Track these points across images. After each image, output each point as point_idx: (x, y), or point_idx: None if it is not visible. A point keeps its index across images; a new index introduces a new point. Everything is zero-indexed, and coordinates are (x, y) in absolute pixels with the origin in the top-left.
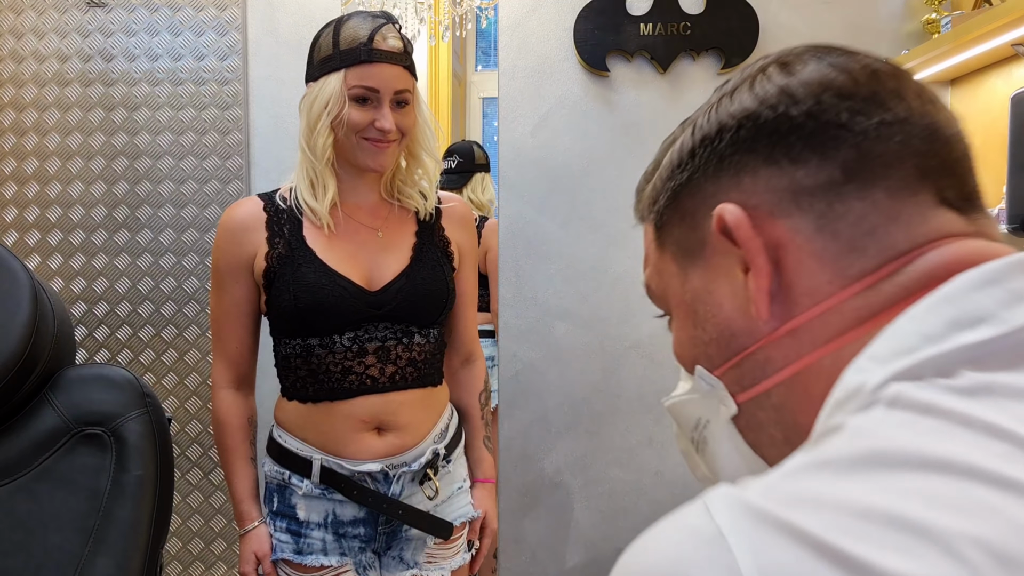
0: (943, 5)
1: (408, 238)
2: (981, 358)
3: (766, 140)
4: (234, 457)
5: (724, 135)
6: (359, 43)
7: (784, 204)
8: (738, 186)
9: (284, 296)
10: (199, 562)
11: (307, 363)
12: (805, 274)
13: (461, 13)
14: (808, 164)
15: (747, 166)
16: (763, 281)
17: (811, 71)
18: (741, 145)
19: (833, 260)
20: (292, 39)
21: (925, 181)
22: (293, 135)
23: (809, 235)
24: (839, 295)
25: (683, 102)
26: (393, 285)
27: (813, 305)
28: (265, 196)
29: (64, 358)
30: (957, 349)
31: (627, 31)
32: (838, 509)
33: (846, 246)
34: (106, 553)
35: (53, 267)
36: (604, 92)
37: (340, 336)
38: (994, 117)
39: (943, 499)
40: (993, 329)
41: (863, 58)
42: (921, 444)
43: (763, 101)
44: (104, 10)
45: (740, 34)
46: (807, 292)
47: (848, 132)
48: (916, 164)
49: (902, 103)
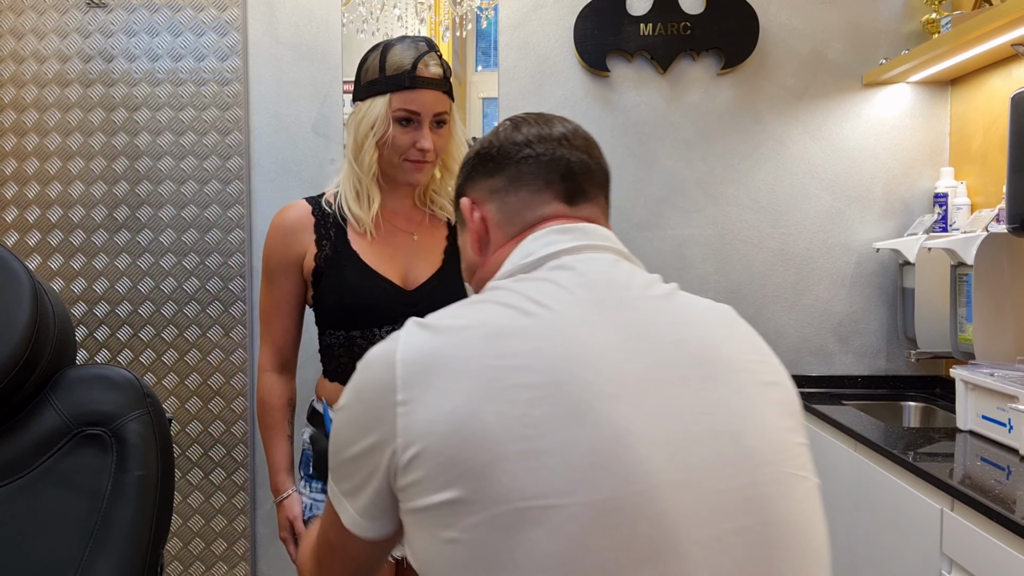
0: (943, 5)
1: (440, 242)
2: (526, 269)
3: (481, 165)
4: (273, 434)
5: (469, 162)
6: (404, 70)
7: (486, 197)
8: (472, 188)
9: (330, 295)
10: (200, 562)
11: (349, 351)
12: (493, 233)
13: (461, 13)
14: (495, 176)
15: (475, 177)
16: (475, 236)
17: (508, 131)
18: (473, 167)
19: (503, 227)
20: (292, 39)
21: (549, 186)
22: (293, 135)
23: (494, 213)
24: (504, 247)
25: (683, 102)
26: (427, 286)
27: (496, 251)
28: (312, 200)
29: (65, 358)
30: (517, 266)
31: (627, 31)
32: (442, 315)
33: (508, 219)
34: (107, 553)
35: (54, 267)
36: (604, 92)
37: (380, 329)
38: (994, 117)
39: (476, 309)
40: (532, 257)
41: (542, 124)
42: (482, 297)
43: (483, 145)
44: (104, 11)
45: (740, 34)
46: (494, 243)
47: (512, 161)
48: (544, 178)
49: (542, 145)
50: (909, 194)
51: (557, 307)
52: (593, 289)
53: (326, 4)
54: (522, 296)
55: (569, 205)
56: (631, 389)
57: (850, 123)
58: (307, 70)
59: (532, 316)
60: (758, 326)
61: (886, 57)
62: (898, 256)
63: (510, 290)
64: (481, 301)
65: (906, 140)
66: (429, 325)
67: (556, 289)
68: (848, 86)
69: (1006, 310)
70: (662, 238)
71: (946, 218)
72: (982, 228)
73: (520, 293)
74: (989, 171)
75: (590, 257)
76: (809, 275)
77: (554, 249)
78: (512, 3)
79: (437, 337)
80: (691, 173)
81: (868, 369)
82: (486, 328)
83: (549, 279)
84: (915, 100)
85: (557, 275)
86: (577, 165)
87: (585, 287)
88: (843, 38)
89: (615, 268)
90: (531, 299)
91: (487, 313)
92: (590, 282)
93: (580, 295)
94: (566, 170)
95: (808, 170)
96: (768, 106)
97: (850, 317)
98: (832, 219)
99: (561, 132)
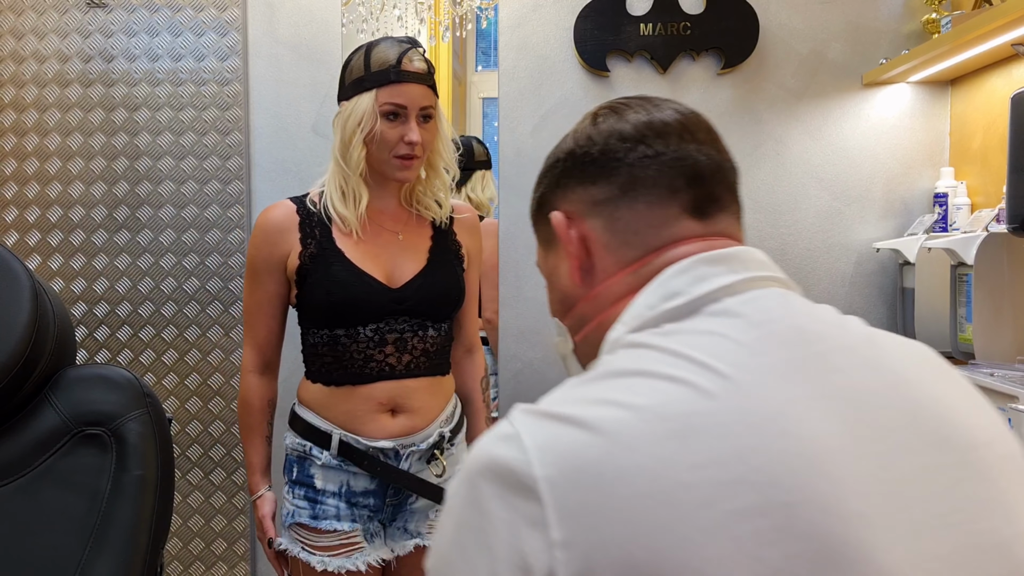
0: (943, 5)
1: (425, 241)
2: (675, 315)
3: (578, 169)
4: (253, 435)
5: (557, 165)
6: (388, 65)
7: (587, 210)
8: (564, 198)
9: (317, 291)
10: (199, 562)
11: (333, 351)
12: (600, 258)
13: (461, 13)
14: (599, 184)
15: (568, 185)
16: (574, 261)
17: (611, 122)
18: (565, 172)
19: (615, 250)
20: (292, 40)
21: (674, 197)
22: (293, 135)
23: (600, 232)
24: (618, 275)
25: (683, 102)
26: (413, 283)
27: (606, 279)
28: (296, 200)
29: (64, 358)
30: (661, 312)
31: (627, 31)
32: (574, 399)
33: (622, 241)
34: (106, 553)
35: (54, 267)
36: (604, 92)
37: (364, 328)
38: (994, 117)
39: (632, 387)
40: (682, 299)
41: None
42: (629, 364)
43: (577, 143)
44: (104, 11)
45: (740, 34)
46: (602, 270)
47: (623, 164)
48: (667, 185)
49: (661, 141)
50: (909, 194)
51: (745, 378)
52: (783, 345)
53: (326, 4)
54: (688, 361)
55: (700, 219)
56: (876, 501)
57: (850, 123)
58: (307, 70)
59: (724, 396)
60: None
61: (886, 57)
62: (898, 256)
63: (664, 350)
64: (631, 374)
65: (906, 140)
66: (566, 416)
67: (734, 348)
68: (848, 86)
69: (1006, 310)
70: None
71: (946, 218)
72: (982, 228)
73: (683, 356)
74: (989, 171)
75: (757, 295)
76: (809, 275)
77: (709, 288)
78: (512, 3)
79: (589, 436)
80: None
81: None
82: (661, 419)
83: (720, 333)
84: (915, 100)
85: (725, 326)
86: (706, 165)
87: (773, 340)
88: (843, 38)
89: (791, 307)
90: (704, 365)
91: (652, 393)
92: (774, 334)
93: (769, 356)
94: (693, 173)
95: (808, 170)
96: (768, 106)
97: None
98: (832, 219)
99: (678, 120)
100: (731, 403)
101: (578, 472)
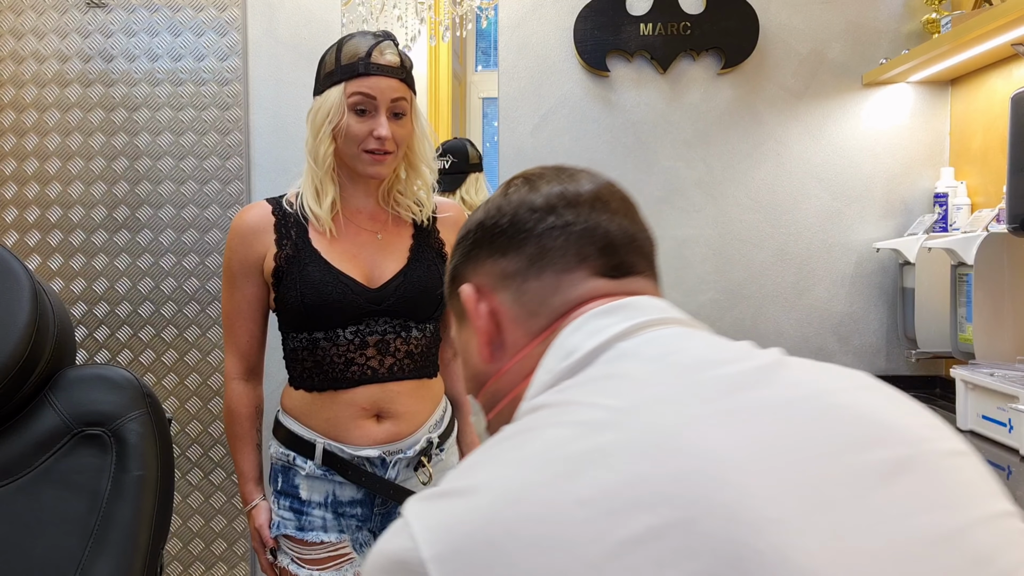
0: (943, 5)
1: (405, 240)
2: (571, 371)
3: (487, 240)
4: (242, 444)
5: (468, 237)
6: (358, 58)
7: (496, 283)
8: (475, 271)
9: (292, 293)
10: (199, 562)
11: (313, 355)
12: (510, 332)
13: (461, 13)
14: (509, 256)
15: (479, 257)
16: (483, 337)
17: (522, 193)
18: (476, 243)
19: (524, 322)
20: (292, 40)
21: (583, 263)
22: (293, 135)
23: (509, 305)
24: (527, 347)
25: (683, 102)
26: (392, 283)
27: (516, 354)
28: (273, 201)
29: (64, 359)
30: (558, 372)
31: (627, 31)
32: (462, 471)
33: (530, 312)
34: (106, 553)
35: (53, 268)
36: (604, 92)
37: (343, 330)
38: (994, 117)
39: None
40: (577, 355)
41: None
42: (520, 425)
43: (487, 214)
44: (104, 11)
45: (740, 34)
46: (512, 344)
47: (532, 235)
48: (576, 253)
49: (571, 212)
50: (909, 194)
51: (641, 407)
52: (681, 372)
53: (326, 4)
54: (584, 405)
55: (612, 279)
56: (792, 504)
57: (850, 123)
58: (307, 70)
59: (613, 428)
60: (758, 326)
61: (886, 57)
62: (898, 256)
63: (561, 405)
64: (523, 431)
65: (906, 140)
66: (451, 491)
67: (629, 385)
68: (848, 86)
69: (1006, 310)
70: (662, 238)
71: (946, 218)
72: (982, 228)
73: (580, 403)
74: (989, 171)
75: (654, 336)
76: (809, 275)
77: (603, 338)
78: (512, 3)
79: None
80: (691, 173)
81: (868, 369)
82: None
83: (613, 375)
84: (915, 100)
85: (621, 367)
86: (618, 235)
87: (668, 371)
88: (843, 38)
89: (691, 340)
90: (600, 405)
91: (538, 442)
92: (672, 365)
93: (665, 385)
94: (605, 242)
95: (808, 170)
96: (768, 106)
97: (850, 317)
98: (832, 219)
99: (591, 190)
100: (621, 434)
101: (465, 540)
